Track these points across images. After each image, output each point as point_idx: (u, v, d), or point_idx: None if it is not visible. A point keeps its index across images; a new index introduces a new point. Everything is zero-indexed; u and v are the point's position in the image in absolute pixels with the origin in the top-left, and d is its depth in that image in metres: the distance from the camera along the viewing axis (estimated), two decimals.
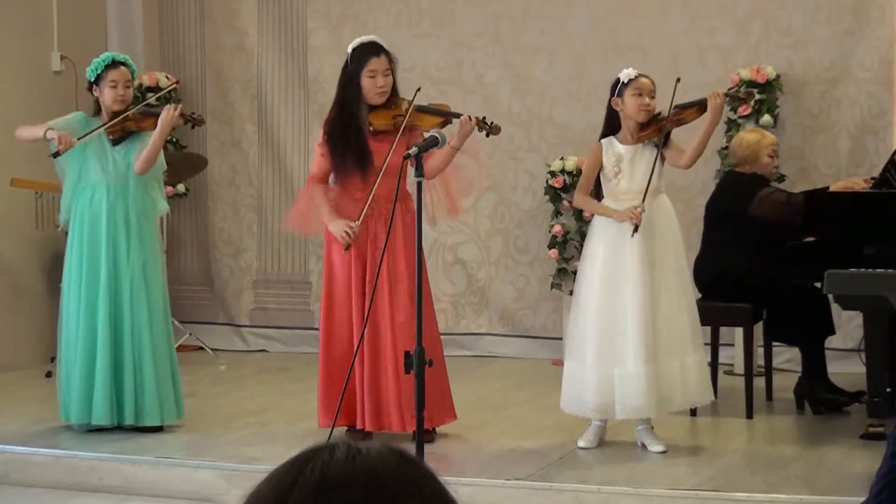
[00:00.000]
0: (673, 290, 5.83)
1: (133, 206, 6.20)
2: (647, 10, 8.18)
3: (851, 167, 7.79)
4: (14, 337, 8.15)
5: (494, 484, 5.32)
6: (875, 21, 7.75)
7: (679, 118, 5.91)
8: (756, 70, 7.79)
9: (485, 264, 8.62)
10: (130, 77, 6.24)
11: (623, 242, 5.76)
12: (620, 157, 5.87)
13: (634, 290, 5.73)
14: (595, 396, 5.78)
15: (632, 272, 5.74)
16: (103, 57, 6.26)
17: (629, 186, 5.84)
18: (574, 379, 5.87)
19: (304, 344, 8.83)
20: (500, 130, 5.95)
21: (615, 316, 5.76)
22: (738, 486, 5.22)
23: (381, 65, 5.93)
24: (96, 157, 6.20)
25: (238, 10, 8.98)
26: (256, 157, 9.00)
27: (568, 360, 5.95)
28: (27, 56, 8.34)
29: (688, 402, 5.98)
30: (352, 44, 6.07)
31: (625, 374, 5.72)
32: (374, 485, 1.34)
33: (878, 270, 5.73)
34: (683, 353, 5.81)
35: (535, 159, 8.39)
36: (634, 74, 5.89)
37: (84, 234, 6.18)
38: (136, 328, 6.14)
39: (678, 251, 5.92)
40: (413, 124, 5.91)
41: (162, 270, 6.36)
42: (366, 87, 5.90)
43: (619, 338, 5.75)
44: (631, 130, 5.89)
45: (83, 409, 6.12)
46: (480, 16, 8.53)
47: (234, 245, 9.08)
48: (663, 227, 5.87)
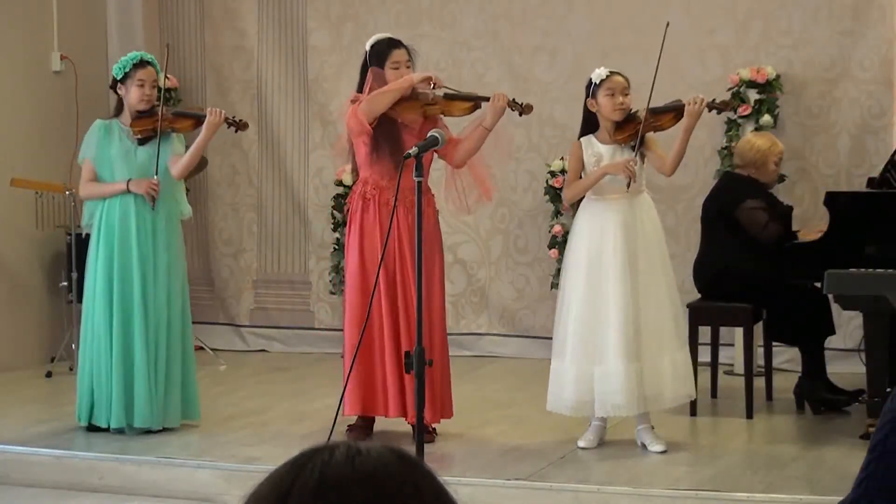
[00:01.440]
0: (657, 288, 5.82)
1: (161, 208, 6.19)
2: (647, 10, 8.18)
3: (851, 167, 7.80)
4: (14, 337, 8.14)
5: (494, 484, 5.32)
6: (875, 21, 7.75)
7: (656, 125, 5.88)
8: (756, 70, 7.79)
9: (485, 264, 8.62)
10: (156, 77, 6.24)
11: (605, 239, 5.77)
12: (601, 157, 5.86)
13: (615, 287, 5.73)
14: (573, 394, 5.79)
15: (613, 270, 5.75)
16: (132, 55, 6.24)
17: (611, 186, 5.84)
18: (556, 377, 5.88)
19: (304, 344, 8.84)
20: (531, 109, 6.03)
21: (596, 313, 5.76)
22: (738, 486, 5.22)
23: (403, 56, 6.00)
24: (122, 158, 6.18)
25: (238, 10, 8.98)
26: (256, 157, 9.00)
27: (553, 358, 5.95)
28: (27, 56, 8.34)
29: (678, 399, 5.96)
30: (368, 42, 6.10)
31: (605, 372, 5.73)
32: (373, 485, 1.35)
33: (878, 270, 5.73)
34: (671, 349, 5.82)
35: (535, 159, 8.39)
36: (606, 74, 5.88)
37: (113, 237, 6.14)
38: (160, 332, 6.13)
39: (661, 249, 5.91)
40: (444, 112, 5.97)
41: (185, 273, 6.36)
42: (391, 79, 5.92)
43: (599, 335, 5.75)
44: (608, 130, 5.88)
45: (122, 414, 6.10)
46: (480, 16, 8.53)
47: (234, 245, 9.09)
48: (645, 226, 5.87)
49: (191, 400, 6.29)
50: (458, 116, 6.09)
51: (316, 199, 8.84)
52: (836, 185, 7.65)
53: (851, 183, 7.70)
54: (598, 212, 5.85)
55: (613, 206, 5.83)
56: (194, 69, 9.08)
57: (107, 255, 6.14)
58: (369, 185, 5.96)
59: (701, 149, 8.05)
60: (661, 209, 7.82)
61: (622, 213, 5.81)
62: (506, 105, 5.89)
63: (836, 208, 6.06)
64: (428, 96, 5.95)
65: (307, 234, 8.91)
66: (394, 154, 5.84)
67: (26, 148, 8.20)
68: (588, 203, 5.92)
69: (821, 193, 6.95)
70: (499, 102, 5.88)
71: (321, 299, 8.88)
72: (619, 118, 5.84)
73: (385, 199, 5.90)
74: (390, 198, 5.83)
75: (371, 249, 5.91)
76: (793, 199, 7.56)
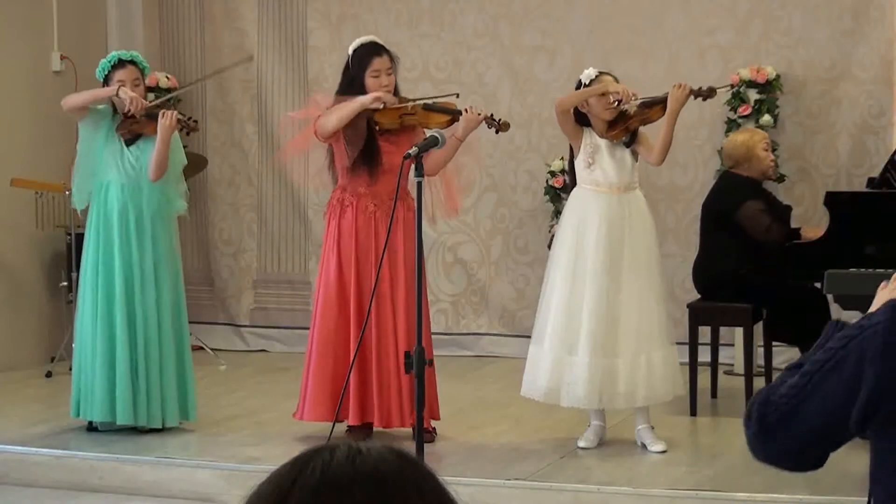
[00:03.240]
0: (641, 286, 5.81)
1: (147, 206, 6.18)
2: (647, 10, 8.18)
3: (851, 167, 7.80)
4: (14, 337, 8.14)
5: (494, 484, 5.32)
6: (875, 21, 7.75)
7: (644, 118, 5.90)
8: (756, 70, 7.79)
9: (485, 264, 8.62)
10: (139, 75, 6.21)
11: (589, 232, 5.78)
12: (597, 148, 5.86)
13: (593, 281, 5.74)
14: (546, 381, 5.80)
15: (593, 263, 5.76)
16: (110, 57, 6.24)
17: (605, 179, 5.84)
18: (532, 363, 5.89)
19: (304, 344, 8.81)
20: (508, 127, 6.00)
21: (574, 304, 5.77)
22: (738, 486, 5.22)
23: (384, 64, 5.96)
24: (112, 157, 6.19)
25: (238, 10, 8.98)
26: (256, 157, 9.00)
27: (531, 343, 5.96)
28: (27, 56, 8.34)
29: (652, 398, 5.89)
30: (352, 45, 6.07)
31: (573, 362, 5.74)
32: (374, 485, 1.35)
33: (878, 270, 5.73)
34: (649, 348, 5.80)
35: (535, 159, 8.39)
36: (595, 74, 5.88)
37: (100, 234, 6.17)
38: (147, 330, 6.13)
39: (650, 247, 5.91)
40: (421, 123, 5.94)
41: (176, 271, 6.31)
42: (370, 86, 5.91)
43: (574, 326, 5.76)
44: (600, 129, 5.88)
45: (108, 410, 6.11)
46: (480, 16, 8.53)
47: (234, 245, 9.08)
48: (635, 223, 5.86)
49: (187, 400, 6.28)
50: (435, 128, 6.08)
51: (316, 199, 8.83)
52: (836, 185, 7.65)
53: (851, 183, 7.70)
54: (587, 203, 5.85)
55: (603, 200, 5.83)
56: (194, 69, 9.08)
57: (95, 250, 6.18)
58: (347, 192, 5.96)
59: (701, 149, 8.05)
60: (661, 209, 7.85)
61: (611, 207, 5.81)
62: (479, 121, 5.86)
63: (836, 208, 6.06)
64: (407, 106, 5.94)
65: (307, 234, 8.91)
66: (372, 163, 5.86)
67: (26, 148, 8.19)
68: (578, 192, 5.92)
69: (821, 193, 6.96)
70: (469, 121, 5.84)
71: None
72: (609, 117, 5.85)
73: (363, 206, 5.91)
74: (369, 204, 5.88)
75: (347, 255, 5.92)
76: (793, 199, 7.57)
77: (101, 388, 6.08)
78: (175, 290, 6.27)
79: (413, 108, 5.93)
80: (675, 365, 5.94)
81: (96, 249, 6.17)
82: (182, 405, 6.25)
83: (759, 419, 2.40)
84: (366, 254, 5.92)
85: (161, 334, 6.16)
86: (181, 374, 6.25)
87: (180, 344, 6.27)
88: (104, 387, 6.08)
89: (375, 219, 5.92)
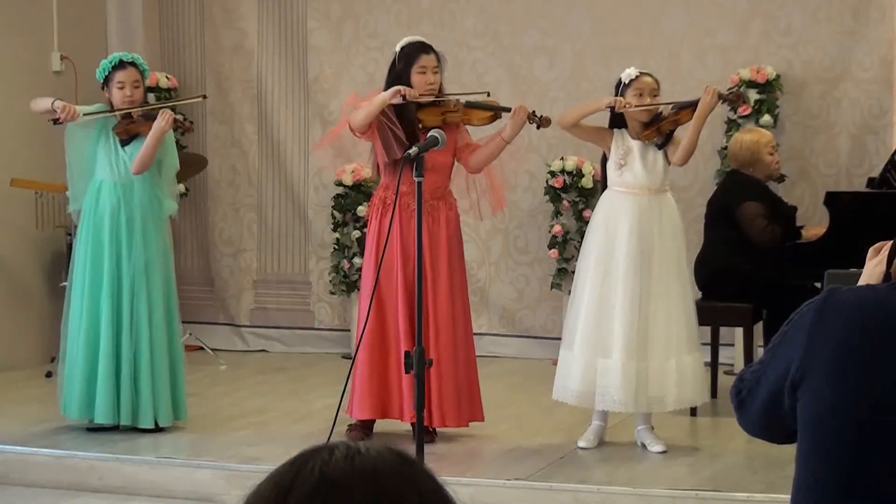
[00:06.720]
0: (669, 289, 5.82)
1: (138, 206, 6.19)
2: (647, 10, 8.18)
3: (851, 167, 7.80)
4: (14, 337, 8.14)
5: (494, 484, 5.32)
6: (875, 21, 7.75)
7: (676, 119, 5.94)
8: (756, 70, 7.80)
9: (485, 264, 8.62)
10: (139, 77, 6.22)
11: (620, 234, 5.78)
12: (629, 150, 5.87)
13: (625, 284, 5.74)
14: (578, 384, 5.80)
15: (624, 266, 5.76)
16: (110, 58, 6.25)
17: (634, 181, 5.85)
18: (563, 366, 5.89)
19: (304, 344, 8.84)
20: (549, 122, 6.06)
21: (605, 307, 5.77)
22: (738, 486, 5.22)
23: (431, 62, 6.01)
24: (106, 157, 6.20)
25: (238, 10, 8.98)
26: (256, 157, 9.00)
27: (562, 347, 5.97)
28: (27, 56, 8.33)
29: (682, 402, 5.94)
30: (399, 43, 6.12)
31: (607, 366, 5.73)
32: (373, 485, 1.35)
33: None
34: (679, 353, 5.81)
35: (535, 159, 8.39)
36: (636, 74, 5.89)
37: (90, 233, 6.19)
38: (135, 329, 6.14)
39: (679, 251, 5.92)
40: (464, 120, 6.00)
41: (167, 272, 6.30)
42: (416, 83, 5.93)
43: (606, 329, 5.76)
44: (636, 130, 5.90)
45: (85, 407, 6.13)
46: (480, 16, 8.53)
47: (234, 245, 9.08)
48: (664, 226, 5.86)
49: (178, 400, 6.27)
50: (478, 125, 6.13)
51: (316, 199, 8.84)
52: (836, 185, 7.65)
53: (851, 183, 7.70)
54: (617, 205, 5.85)
55: (634, 202, 5.83)
56: (194, 69, 9.08)
57: (85, 248, 6.20)
58: (390, 190, 5.96)
59: (701, 148, 8.01)
60: None
61: (641, 210, 5.81)
62: (526, 118, 5.91)
63: (836, 208, 6.06)
64: (450, 103, 5.98)
65: (307, 234, 8.91)
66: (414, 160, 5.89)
67: (26, 148, 8.19)
68: (609, 194, 5.93)
69: (821, 193, 6.96)
70: (520, 115, 5.91)
71: (321, 299, 8.88)
72: (646, 119, 5.87)
73: (405, 204, 5.91)
74: (411, 202, 5.86)
75: (389, 254, 5.91)
76: (793, 199, 7.56)
77: (80, 385, 6.10)
78: (166, 290, 6.26)
79: (456, 106, 5.99)
80: (703, 369, 5.96)
81: (86, 247, 6.19)
82: (174, 405, 6.25)
83: (735, 394, 2.55)
84: (408, 252, 5.91)
85: (152, 334, 6.15)
86: (173, 373, 6.25)
87: (172, 344, 6.27)
88: (84, 383, 6.10)
89: None
